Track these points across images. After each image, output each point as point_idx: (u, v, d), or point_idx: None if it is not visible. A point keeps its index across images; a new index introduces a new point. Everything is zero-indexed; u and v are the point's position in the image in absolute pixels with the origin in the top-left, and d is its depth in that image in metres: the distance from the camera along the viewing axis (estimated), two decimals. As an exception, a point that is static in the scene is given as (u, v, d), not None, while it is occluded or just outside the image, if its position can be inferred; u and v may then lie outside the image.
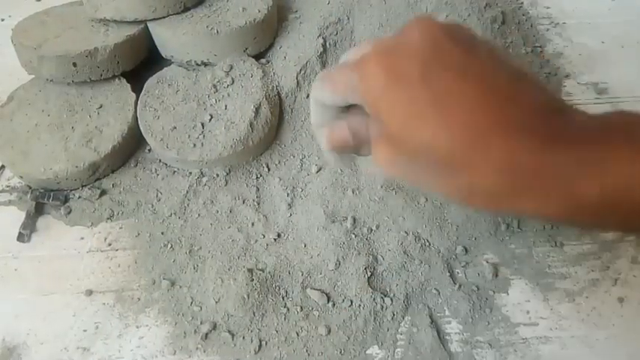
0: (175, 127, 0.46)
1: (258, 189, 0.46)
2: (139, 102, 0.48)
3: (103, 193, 0.46)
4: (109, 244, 0.44)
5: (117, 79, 0.50)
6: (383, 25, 0.50)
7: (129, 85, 0.50)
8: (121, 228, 0.45)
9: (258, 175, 0.47)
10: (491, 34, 0.57)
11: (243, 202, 0.45)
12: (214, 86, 0.48)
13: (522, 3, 0.61)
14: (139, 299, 0.41)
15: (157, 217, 0.45)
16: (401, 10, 0.50)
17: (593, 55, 0.56)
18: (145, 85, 0.49)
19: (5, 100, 0.50)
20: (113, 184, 0.47)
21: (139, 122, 0.47)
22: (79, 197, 0.46)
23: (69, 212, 0.46)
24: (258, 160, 0.47)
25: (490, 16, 0.58)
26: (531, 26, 0.58)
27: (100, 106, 0.48)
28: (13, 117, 0.48)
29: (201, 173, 0.46)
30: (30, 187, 0.47)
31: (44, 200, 0.45)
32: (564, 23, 0.59)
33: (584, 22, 0.59)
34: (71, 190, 0.47)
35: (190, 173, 0.47)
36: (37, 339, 0.39)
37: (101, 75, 0.48)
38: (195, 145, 0.45)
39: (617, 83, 0.53)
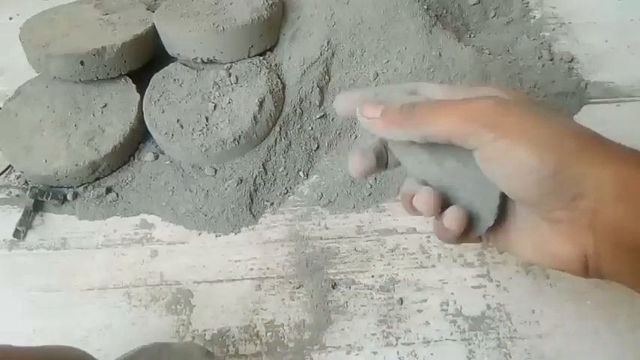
0: (180, 121, 0.47)
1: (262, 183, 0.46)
2: (144, 97, 0.49)
3: (109, 190, 0.47)
4: (116, 241, 0.44)
5: (123, 79, 0.50)
6: (385, 25, 0.50)
7: (134, 85, 0.50)
8: (126, 225, 0.45)
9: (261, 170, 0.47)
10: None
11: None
12: (216, 84, 0.48)
13: (528, 2, 0.61)
14: (147, 296, 0.41)
15: (163, 214, 0.45)
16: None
17: (599, 54, 0.56)
18: (150, 81, 0.50)
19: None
20: (117, 182, 0.47)
21: (145, 116, 0.48)
22: (84, 195, 0.47)
23: (74, 209, 0.46)
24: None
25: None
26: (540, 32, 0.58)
27: (105, 105, 0.49)
28: (19, 111, 0.49)
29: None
30: (28, 184, 0.47)
31: (43, 198, 0.46)
32: (570, 23, 0.59)
33: (590, 22, 0.59)
34: (76, 187, 0.47)
35: (192, 167, 0.47)
36: (45, 336, 0.39)
37: (108, 74, 0.49)
38: (199, 138, 0.46)
39: (623, 83, 0.53)
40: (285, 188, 0.47)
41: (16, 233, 0.44)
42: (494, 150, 0.24)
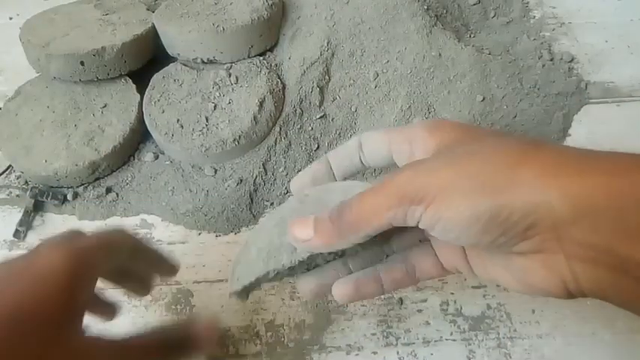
0: (180, 121, 0.47)
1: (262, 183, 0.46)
2: (144, 97, 0.49)
3: (109, 190, 0.47)
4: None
5: (123, 79, 0.50)
6: (385, 25, 0.50)
7: (134, 85, 0.50)
8: (126, 225, 0.45)
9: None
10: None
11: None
12: (216, 84, 0.48)
13: (528, 2, 0.61)
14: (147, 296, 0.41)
15: (163, 214, 0.45)
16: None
17: (599, 54, 0.56)
18: (150, 81, 0.50)
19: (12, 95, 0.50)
20: (117, 182, 0.47)
21: (145, 116, 0.48)
22: (84, 195, 0.47)
23: (74, 209, 0.46)
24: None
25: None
26: (540, 32, 0.58)
27: (105, 105, 0.49)
28: (19, 111, 0.49)
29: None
30: (29, 184, 0.47)
31: (43, 198, 0.46)
32: (570, 23, 0.59)
33: (590, 22, 0.59)
34: (76, 187, 0.47)
35: (192, 167, 0.47)
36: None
37: (108, 74, 0.49)
38: (199, 138, 0.46)
39: (623, 83, 0.53)
40: (285, 188, 0.47)
41: (17, 233, 0.44)
42: (430, 219, 0.23)
